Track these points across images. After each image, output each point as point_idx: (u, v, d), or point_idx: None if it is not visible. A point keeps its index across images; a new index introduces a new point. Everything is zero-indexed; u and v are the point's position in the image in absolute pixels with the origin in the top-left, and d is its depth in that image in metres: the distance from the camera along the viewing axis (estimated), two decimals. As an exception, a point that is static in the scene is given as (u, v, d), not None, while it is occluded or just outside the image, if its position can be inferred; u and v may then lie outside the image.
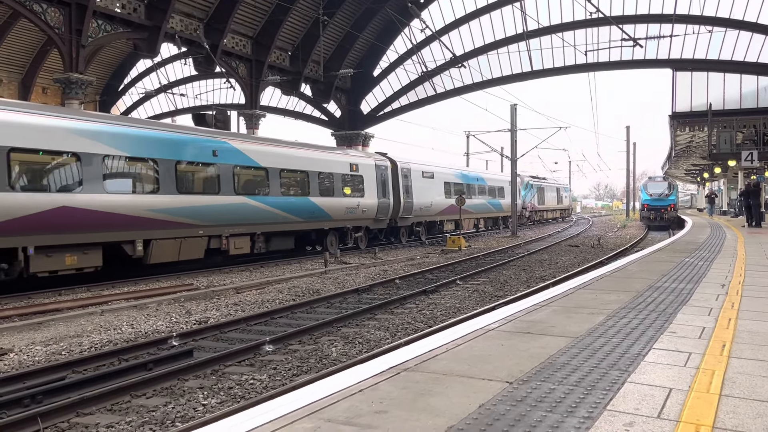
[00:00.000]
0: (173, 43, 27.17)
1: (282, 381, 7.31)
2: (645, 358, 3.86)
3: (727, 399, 3.08)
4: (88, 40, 23.23)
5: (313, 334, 9.76)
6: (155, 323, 10.71)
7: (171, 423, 5.86)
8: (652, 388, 3.25)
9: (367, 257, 22.37)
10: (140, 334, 9.91)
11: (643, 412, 2.87)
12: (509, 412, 2.85)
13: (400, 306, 12.43)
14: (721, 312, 5.51)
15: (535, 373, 3.50)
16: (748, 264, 9.89)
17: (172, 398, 6.67)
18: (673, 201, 45.23)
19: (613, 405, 2.96)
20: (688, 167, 59.30)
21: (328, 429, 2.63)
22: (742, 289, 7.03)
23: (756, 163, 25.30)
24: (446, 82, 36.59)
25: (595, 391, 3.17)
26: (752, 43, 28.33)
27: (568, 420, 2.75)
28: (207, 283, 15.73)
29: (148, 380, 7.04)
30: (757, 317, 5.29)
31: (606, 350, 4.07)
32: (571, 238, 33.21)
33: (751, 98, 28.32)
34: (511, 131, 35.53)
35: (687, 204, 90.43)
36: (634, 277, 8.20)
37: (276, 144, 20.35)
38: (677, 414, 2.85)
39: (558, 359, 3.83)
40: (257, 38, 31.21)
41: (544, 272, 17.95)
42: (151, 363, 7.84)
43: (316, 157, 21.27)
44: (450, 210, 30.92)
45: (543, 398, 3.05)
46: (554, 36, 32.93)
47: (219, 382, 7.31)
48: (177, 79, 38.93)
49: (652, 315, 5.34)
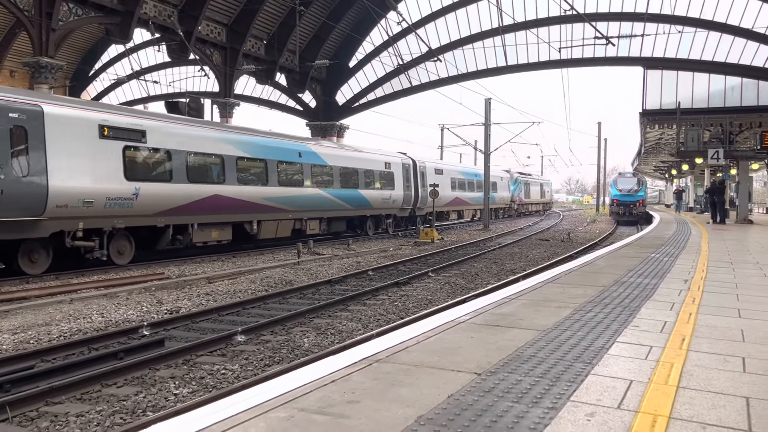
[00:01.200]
0: (146, 29, 26.77)
1: (254, 371, 7.35)
2: (608, 351, 4.00)
3: (684, 391, 3.22)
4: (58, 24, 22.77)
5: (286, 325, 9.80)
6: (126, 312, 10.65)
7: (142, 412, 5.87)
8: (614, 380, 3.38)
9: (341, 248, 22.42)
10: (111, 323, 9.85)
11: (605, 403, 2.99)
12: (477, 402, 2.95)
13: (372, 297, 12.52)
14: (683, 307, 5.70)
15: (503, 365, 3.61)
16: (711, 260, 10.17)
17: (143, 387, 6.67)
18: (642, 197, 46.05)
19: (577, 396, 3.08)
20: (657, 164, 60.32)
21: (301, 418, 2.70)
22: (704, 284, 7.26)
23: (722, 161, 25.87)
24: (422, 74, 36.68)
25: (559, 383, 3.28)
26: (721, 44, 28.90)
27: (533, 410, 2.86)
28: (178, 272, 15.64)
29: (118, 369, 7.03)
30: (716, 312, 5.48)
31: (571, 343, 4.20)
32: (541, 232, 33.63)
33: (718, 98, 28.92)
34: (485, 125, 35.79)
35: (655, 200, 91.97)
36: (601, 271, 8.40)
37: (338, 147, 25.91)
38: (636, 405, 2.98)
39: (525, 351, 3.94)
40: (232, 26, 30.91)
41: (514, 265, 18.19)
42: (122, 352, 7.82)
43: (362, 157, 25.88)
44: (455, 202, 37.37)
45: (510, 389, 3.16)
46: (529, 32, 33.18)
47: (191, 371, 7.32)
48: (150, 65, 38.34)
49: (617, 309, 5.50)
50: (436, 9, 35.88)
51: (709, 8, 29.02)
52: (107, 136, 15.08)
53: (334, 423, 2.64)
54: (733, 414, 2.89)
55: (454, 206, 37.69)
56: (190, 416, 2.74)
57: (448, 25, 35.97)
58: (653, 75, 29.87)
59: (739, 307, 5.76)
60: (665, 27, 29.56)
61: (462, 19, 35.63)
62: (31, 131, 13.28)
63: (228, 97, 31.29)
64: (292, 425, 2.61)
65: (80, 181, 14.27)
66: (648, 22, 29.74)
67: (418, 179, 30.56)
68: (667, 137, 36.46)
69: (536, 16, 33.38)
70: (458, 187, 37.58)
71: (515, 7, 33.49)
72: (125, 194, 15.36)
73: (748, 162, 28.93)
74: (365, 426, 2.61)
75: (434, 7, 35.90)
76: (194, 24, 27.62)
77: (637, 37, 30.23)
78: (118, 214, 15.32)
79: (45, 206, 13.45)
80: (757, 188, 62.16)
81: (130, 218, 15.66)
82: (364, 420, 2.68)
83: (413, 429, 2.59)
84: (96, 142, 14.83)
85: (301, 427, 2.59)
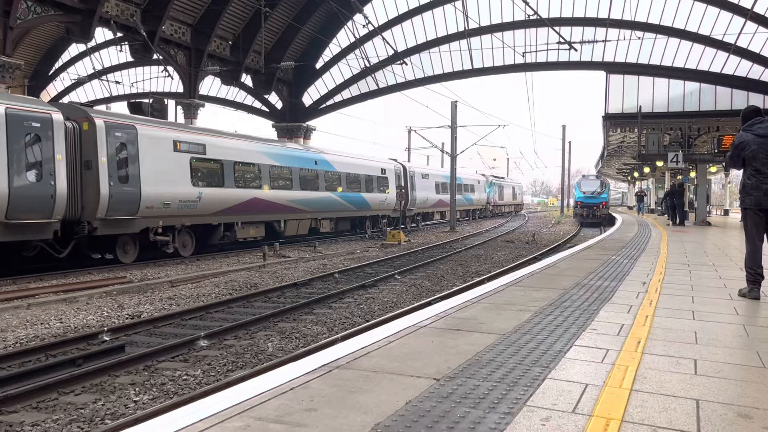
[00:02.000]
0: (108, 29, 26.30)
1: (216, 377, 7.28)
2: (566, 355, 4.06)
3: (637, 394, 3.29)
4: (16, 22, 22.21)
5: (250, 329, 9.74)
6: (86, 318, 10.44)
7: (101, 420, 5.77)
8: (570, 383, 3.44)
9: (307, 251, 22.34)
10: (69, 329, 9.66)
11: (560, 407, 3.04)
12: (435, 408, 2.97)
13: (338, 300, 12.51)
14: (640, 309, 5.82)
15: (462, 370, 3.64)
16: (669, 262, 10.41)
17: (102, 395, 6.55)
18: (605, 199, 46.91)
19: (533, 401, 3.13)
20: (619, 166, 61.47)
21: (258, 427, 2.68)
22: (661, 287, 7.42)
23: (681, 165, 26.49)
24: (388, 77, 36.75)
25: (517, 388, 3.33)
26: (680, 50, 29.61)
27: (489, 416, 2.89)
28: (141, 276, 15.40)
29: (76, 377, 6.90)
30: (672, 314, 5.61)
31: (530, 347, 4.26)
32: (507, 234, 33.98)
33: (678, 102, 29.60)
34: (451, 128, 36.05)
35: (618, 202, 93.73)
36: (562, 274, 8.53)
37: (344, 155, 28.80)
38: (590, 409, 3.04)
39: (485, 356, 3.98)
40: (197, 26, 30.54)
41: (479, 267, 18.35)
42: (81, 359, 7.68)
43: (363, 164, 29.56)
44: (439, 203, 41.46)
45: (468, 394, 3.19)
46: (494, 36, 33.54)
47: (151, 377, 7.22)
48: (112, 65, 37.68)
49: (576, 312, 5.59)
50: (403, 12, 36.00)
51: (668, 15, 29.73)
52: (179, 149, 18.48)
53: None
54: (683, 416, 2.97)
55: (438, 208, 41.94)
56: (145, 427, 2.70)
57: (414, 27, 36.12)
58: (615, 79, 30.44)
59: (694, 309, 5.90)
60: (626, 33, 30.16)
61: (428, 22, 35.81)
62: (130, 147, 16.74)
63: (193, 97, 30.91)
64: (249, 435, 2.60)
65: (161, 187, 17.61)
66: (610, 28, 30.31)
67: (408, 183, 35.04)
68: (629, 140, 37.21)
69: (501, 20, 33.74)
70: (442, 190, 41.22)
71: (481, 11, 33.82)
72: (192, 197, 18.80)
73: (707, 165, 29.69)
74: (322, 434, 2.61)
75: (401, 9, 36.01)
76: (158, 24, 27.23)
77: (600, 42, 30.78)
78: (186, 213, 18.70)
79: (138, 207, 16.84)
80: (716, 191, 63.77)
81: (193, 217, 19.10)
82: (321, 428, 2.68)
83: (370, 437, 2.60)
84: (171, 155, 18.15)
85: (257, 437, 2.58)
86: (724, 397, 3.27)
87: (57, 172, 14.69)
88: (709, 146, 30.69)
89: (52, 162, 14.60)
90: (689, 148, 28.09)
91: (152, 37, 26.56)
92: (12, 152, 13.75)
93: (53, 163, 14.61)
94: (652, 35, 29.93)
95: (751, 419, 2.95)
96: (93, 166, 15.73)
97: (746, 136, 6.58)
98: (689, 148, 28.09)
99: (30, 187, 14.16)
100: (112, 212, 15.99)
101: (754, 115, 6.73)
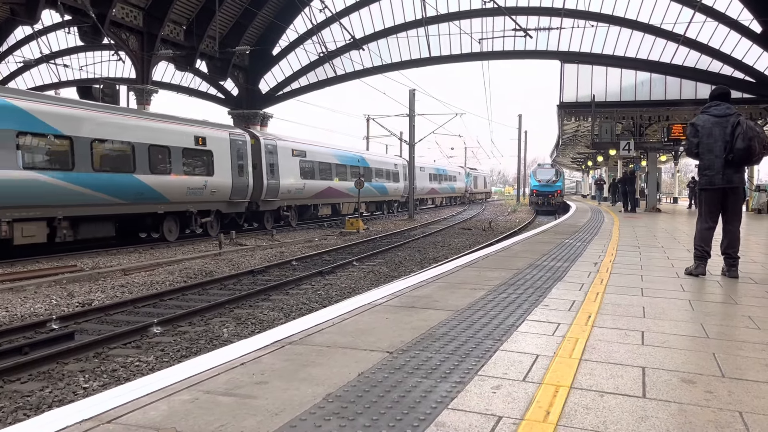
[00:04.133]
0: (56, 11, 25.40)
1: (170, 362, 7.15)
2: (518, 329, 4.11)
3: (585, 363, 3.35)
4: (-44, 2, 21.29)
5: (204, 316, 9.60)
6: (33, 306, 10.14)
7: (47, 407, 5.61)
8: (521, 355, 3.48)
9: (264, 239, 22.13)
10: (15, 317, 9.36)
11: (511, 376, 3.07)
12: (387, 379, 2.97)
13: (295, 287, 12.44)
14: (591, 287, 5.93)
15: (416, 344, 3.65)
16: (620, 245, 10.65)
17: (49, 383, 6.38)
18: (560, 187, 47.72)
19: (484, 371, 3.15)
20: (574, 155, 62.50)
21: (206, 400, 2.63)
22: (612, 267, 7.59)
23: (632, 153, 27.11)
24: (346, 64, 36.51)
25: (468, 359, 3.35)
26: (632, 40, 30.18)
27: (441, 385, 2.90)
28: (92, 264, 15.03)
29: (22, 365, 6.69)
30: (621, 291, 5.74)
31: (483, 322, 4.29)
32: (464, 222, 34.30)
33: (630, 91, 30.19)
34: (409, 116, 36.10)
35: (573, 190, 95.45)
36: (517, 256, 8.64)
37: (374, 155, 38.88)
38: (541, 377, 3.08)
39: (438, 330, 4.00)
40: (149, 10, 29.74)
41: (437, 253, 18.48)
42: (27, 347, 7.46)
43: (385, 160, 39.18)
44: (431, 192, 52.78)
45: (420, 366, 3.20)
46: (452, 23, 33.61)
47: (102, 364, 7.06)
48: (61, 49, 36.40)
49: (530, 290, 5.67)
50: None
51: (621, 5, 30.26)
52: (294, 155, 28.05)
53: (239, 403, 2.59)
54: (630, 382, 3.03)
55: (431, 195, 53.32)
56: (89, 401, 2.63)
57: (372, 14, 35.92)
58: (570, 68, 30.85)
59: (643, 287, 6.05)
60: (581, 22, 30.61)
61: (386, 9, 35.65)
62: (274, 155, 26.21)
63: (146, 83, 30.15)
64: (196, 407, 2.54)
65: (287, 180, 27.10)
66: (565, 18, 30.70)
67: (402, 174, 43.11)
68: (584, 129, 37.85)
69: (459, 8, 33.83)
70: (434, 180, 52.76)
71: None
72: (299, 186, 28.29)
73: (657, 153, 30.44)
74: (272, 405, 2.58)
75: (359, -4, 35.76)
76: (108, 6, 26.43)
77: (555, 30, 31.17)
78: (296, 197, 28.28)
79: (278, 193, 26.36)
80: (666, 180, 65.51)
81: (300, 200, 28.73)
82: (271, 400, 2.64)
83: (321, 407, 2.57)
84: (290, 159, 27.68)
85: (204, 409, 2.53)
86: (669, 365, 3.36)
87: (247, 171, 23.78)
88: (659, 135, 31.47)
89: (246, 165, 23.66)
90: (641, 136, 28.75)
91: (102, 20, 25.77)
92: (233, 160, 22.79)
93: (247, 166, 23.69)
94: (605, 25, 30.44)
95: (694, 384, 3.04)
96: (258, 167, 24.83)
97: (702, 117, 6.71)
98: (641, 136, 28.75)
99: (240, 181, 23.13)
100: (267, 196, 25.41)
101: (716, 99, 6.79)
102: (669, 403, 2.75)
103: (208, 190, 21.41)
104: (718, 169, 6.51)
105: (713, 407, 2.71)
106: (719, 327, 4.37)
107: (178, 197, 20.08)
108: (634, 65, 29.89)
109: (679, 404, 2.74)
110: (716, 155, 6.52)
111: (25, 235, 15.02)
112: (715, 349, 3.74)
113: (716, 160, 6.52)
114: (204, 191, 21.28)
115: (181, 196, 20.20)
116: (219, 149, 22.11)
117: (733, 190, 6.64)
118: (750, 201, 28.74)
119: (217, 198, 22.11)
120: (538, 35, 31.55)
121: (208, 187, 21.42)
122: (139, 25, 29.46)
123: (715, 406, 2.73)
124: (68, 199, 16.01)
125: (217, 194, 22.04)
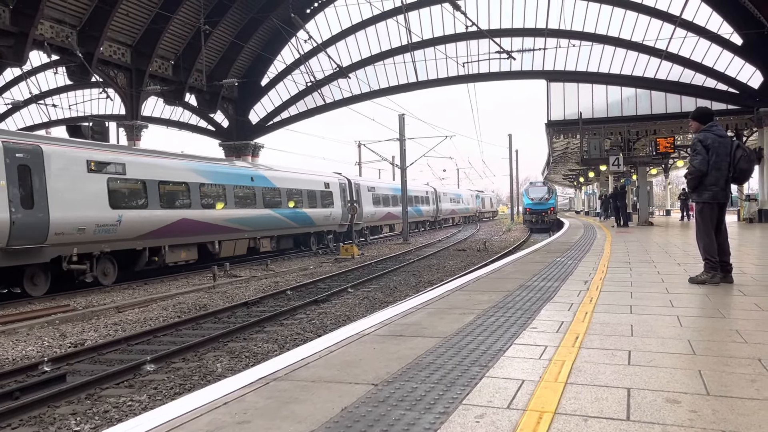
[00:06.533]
0: (43, 51, 25.60)
1: (163, 400, 7.09)
2: (505, 354, 4.10)
3: (571, 386, 3.35)
4: (-56, 47, 21.44)
5: (198, 351, 9.54)
6: (25, 349, 10.06)
7: (37, 453, 5.54)
8: (506, 380, 3.47)
9: (259, 269, 22.06)
10: (7, 361, 9.28)
11: (495, 404, 3.06)
12: (370, 413, 2.95)
13: (290, 317, 12.38)
14: (580, 307, 5.93)
15: (401, 374, 3.63)
16: (612, 261, 10.67)
17: (40, 427, 6.32)
18: (553, 204, 47.87)
19: (469, 399, 3.14)
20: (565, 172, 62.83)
21: (187, 443, 2.62)
22: (602, 284, 7.59)
23: (622, 167, 27.27)
24: (335, 92, 36.81)
25: (454, 387, 3.34)
26: (615, 57, 30.57)
27: (424, 416, 2.89)
28: (86, 303, 14.94)
29: (13, 410, 6.62)
30: (611, 310, 5.74)
31: (471, 348, 4.28)
32: (459, 243, 34.30)
33: (616, 107, 30.51)
34: (399, 140, 36.27)
35: (566, 207, 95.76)
36: (508, 277, 8.64)
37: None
38: (525, 403, 3.07)
39: (425, 359, 3.99)
40: (137, 47, 30.01)
41: (432, 276, 18.46)
42: (18, 391, 7.38)
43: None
44: (452, 213, 60.08)
45: (404, 397, 3.18)
46: (436, 48, 33.99)
47: (94, 406, 7.00)
48: (50, 89, 36.59)
49: (518, 312, 5.67)
50: (346, 27, 36.16)
51: (603, 23, 30.71)
52: (368, 190, 36.46)
53: (220, 445, 2.58)
54: (614, 405, 3.03)
55: (451, 215, 60.17)
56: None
57: (358, 42, 36.31)
58: (556, 87, 31.19)
59: (632, 304, 6.05)
60: (564, 42, 30.99)
61: (372, 37, 36.05)
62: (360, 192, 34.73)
63: (135, 119, 30.30)
64: (177, 451, 2.53)
65: (367, 208, 35.75)
66: (548, 37, 31.09)
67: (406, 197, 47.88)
68: (573, 146, 38.14)
69: (443, 33, 34.25)
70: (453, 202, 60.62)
71: (423, 24, 34.28)
72: (373, 212, 36.87)
73: (647, 167, 30.63)
74: (253, 446, 2.56)
75: (344, 25, 36.17)
76: (95, 45, 26.62)
77: (539, 51, 31.54)
78: (371, 220, 36.72)
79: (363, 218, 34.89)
80: (658, 192, 65.82)
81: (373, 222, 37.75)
82: (253, 440, 2.63)
83: (302, 445, 2.56)
84: (366, 193, 36.06)
85: (185, 453, 2.51)
86: (654, 385, 3.35)
87: (347, 204, 31.53)
88: (648, 149, 31.70)
89: (346, 200, 31.86)
90: (629, 151, 28.96)
91: (90, 58, 25.97)
92: (343, 197, 31.82)
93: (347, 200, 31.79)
94: (588, 43, 30.84)
95: (678, 404, 3.03)
96: (352, 200, 32.31)
97: (710, 136, 7.09)
98: (629, 151, 28.96)
99: (334, 212, 30.65)
100: (357, 220, 32.87)
101: (710, 118, 7.28)
102: (652, 425, 2.75)
103: (332, 217, 30.64)
104: (722, 185, 7.07)
105: (697, 427, 2.71)
106: (706, 343, 4.37)
107: (320, 222, 29.50)
108: (619, 81, 30.25)
109: (662, 425, 2.73)
110: (722, 173, 7.02)
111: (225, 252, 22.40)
112: (701, 366, 3.74)
113: (722, 177, 7.04)
114: (329, 218, 30.41)
115: (320, 222, 29.56)
116: (335, 190, 31.52)
117: (726, 205, 7.29)
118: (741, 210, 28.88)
119: (334, 222, 31.11)
120: (523, 56, 31.94)
121: (332, 215, 30.69)
122: (127, 61, 29.69)
123: (699, 426, 2.73)
124: (279, 225, 25.85)
125: (336, 220, 31.21)
